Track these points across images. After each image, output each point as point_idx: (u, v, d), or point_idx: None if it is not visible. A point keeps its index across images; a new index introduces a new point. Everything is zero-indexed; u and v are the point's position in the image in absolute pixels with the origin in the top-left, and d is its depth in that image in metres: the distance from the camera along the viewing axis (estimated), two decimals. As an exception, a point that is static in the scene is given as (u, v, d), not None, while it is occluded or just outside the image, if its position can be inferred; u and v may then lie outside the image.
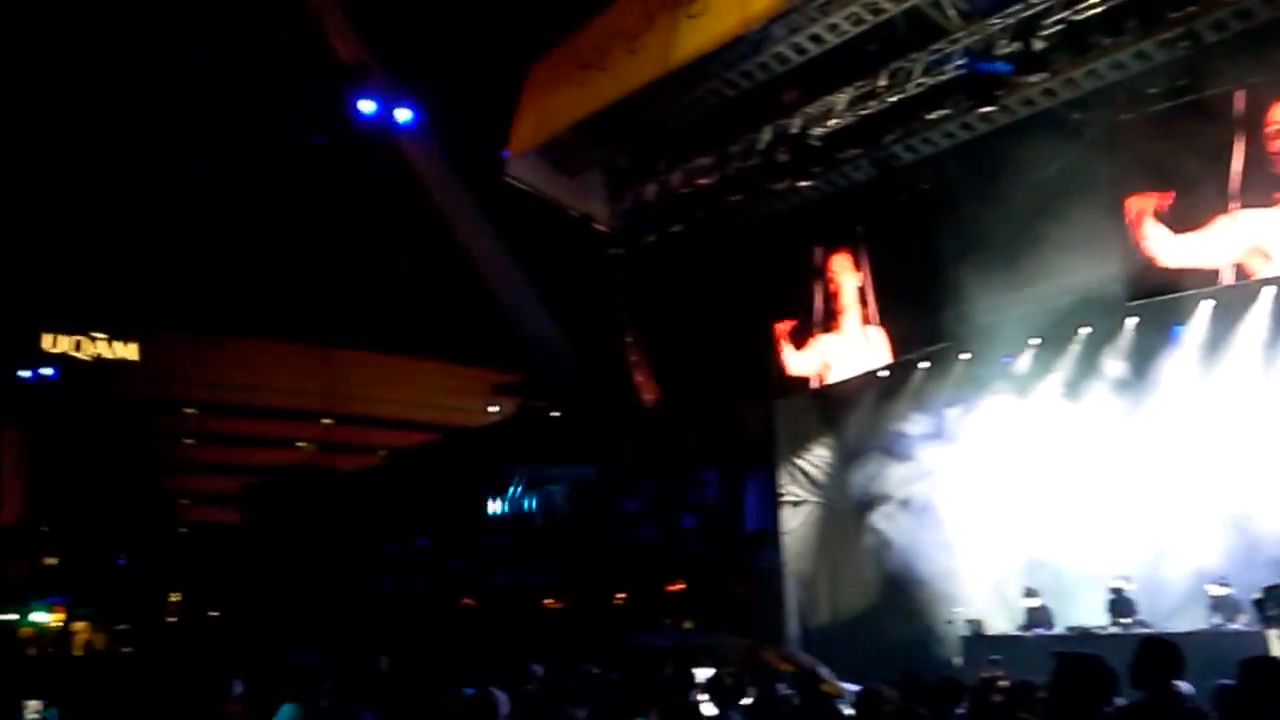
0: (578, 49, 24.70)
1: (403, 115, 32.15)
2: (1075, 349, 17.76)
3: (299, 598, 37.42)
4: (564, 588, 27.82)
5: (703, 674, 11.50)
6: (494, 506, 28.60)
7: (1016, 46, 16.24)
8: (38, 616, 55.45)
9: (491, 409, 34.44)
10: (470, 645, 31.64)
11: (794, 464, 22.23)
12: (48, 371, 75.06)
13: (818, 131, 19.82)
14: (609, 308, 24.98)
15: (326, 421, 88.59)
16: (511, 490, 28.60)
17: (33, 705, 7.74)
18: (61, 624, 53.00)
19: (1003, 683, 9.61)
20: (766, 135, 20.65)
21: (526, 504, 28.54)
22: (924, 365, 19.81)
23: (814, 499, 22.05)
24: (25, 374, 77.52)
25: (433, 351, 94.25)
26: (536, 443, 28.60)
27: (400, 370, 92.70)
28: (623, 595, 25.71)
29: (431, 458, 38.59)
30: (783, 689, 10.36)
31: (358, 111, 32.20)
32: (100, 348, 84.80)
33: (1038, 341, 18.07)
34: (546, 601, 28.46)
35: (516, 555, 28.15)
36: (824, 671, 13.05)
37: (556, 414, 29.80)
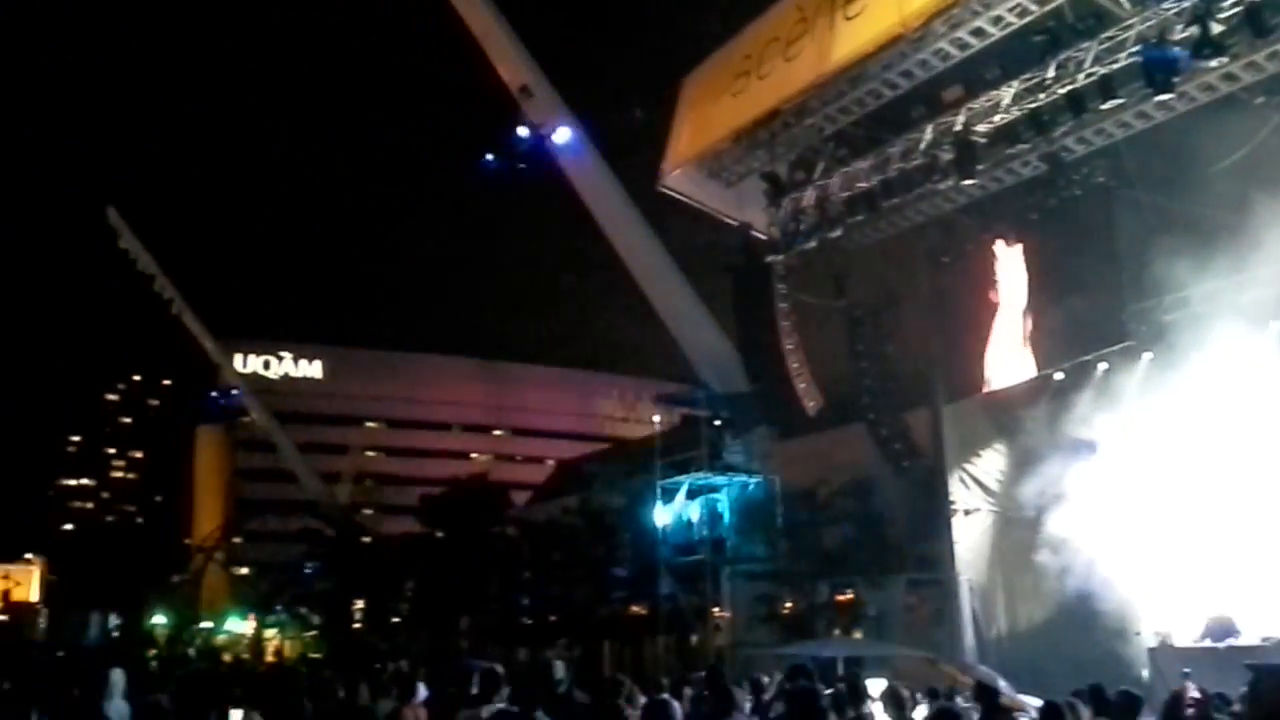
0: (732, 58, 24.79)
1: (562, 135, 32.96)
2: (1270, 344, 16.62)
3: (476, 605, 38.55)
4: (730, 597, 27.77)
5: (875, 685, 11.29)
6: (659, 516, 28.77)
7: (1193, 31, 15.41)
8: (232, 625, 58.92)
9: (655, 419, 34.63)
10: (639, 653, 32.02)
11: (965, 471, 21.61)
12: (236, 392, 79.67)
13: (983, 128, 19.28)
14: (769, 315, 24.85)
15: (498, 433, 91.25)
16: (676, 500, 28.74)
17: (236, 716, 8.18)
18: (253, 632, 56.03)
19: (1194, 695, 9.13)
20: (928, 134, 20.20)
21: (691, 513, 28.62)
22: (1104, 366, 18.92)
23: (987, 507, 21.37)
24: (216, 395, 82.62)
25: (597, 364, 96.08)
26: (701, 452, 28.63)
27: (566, 383, 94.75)
28: (789, 605, 25.44)
29: (598, 467, 39.13)
30: (960, 703, 10.07)
31: (520, 134, 33.21)
32: (287, 366, 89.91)
33: (1228, 335, 16.99)
34: (714, 611, 28.46)
35: (681, 564, 28.25)
36: (1002, 685, 12.58)
37: (720, 423, 29.77)
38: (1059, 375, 19.77)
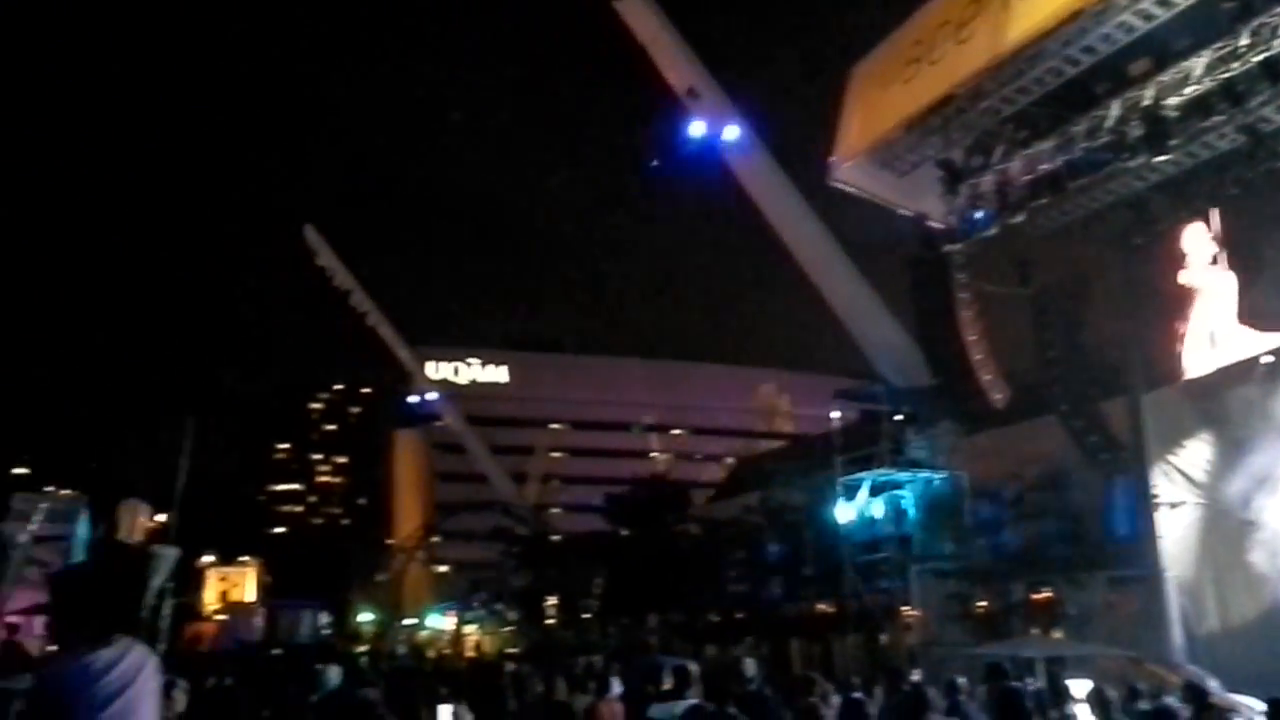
0: (901, 45, 24.27)
1: (731, 134, 33.06)
2: None
3: (663, 602, 39.07)
4: (919, 596, 27.22)
5: (1078, 686, 10.93)
6: (842, 514, 28.46)
7: None
8: (433, 621, 61.56)
9: (834, 415, 34.24)
10: (827, 651, 31.73)
11: (1168, 462, 20.50)
12: (432, 396, 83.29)
13: (1173, 101, 18.23)
14: (949, 306, 24.20)
15: (677, 433, 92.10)
16: (858, 497, 28.37)
17: (445, 710, 8.58)
18: (454, 628, 58.34)
19: None
20: (1115, 111, 19.22)
21: (875, 511, 28.19)
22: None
23: (1194, 500, 20.21)
24: (411, 401, 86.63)
25: (771, 361, 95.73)
26: (882, 448, 28.16)
27: (742, 381, 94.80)
28: (982, 604, 24.73)
29: (777, 465, 39.00)
30: (1170, 702, 9.66)
31: (689, 134, 33.52)
32: (475, 372, 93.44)
33: None
34: (904, 609, 27.95)
35: (866, 562, 27.86)
36: (1213, 685, 11.96)
37: (901, 418, 29.19)
38: (1267, 359, 18.53)
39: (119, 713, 3.65)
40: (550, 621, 49.66)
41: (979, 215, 22.29)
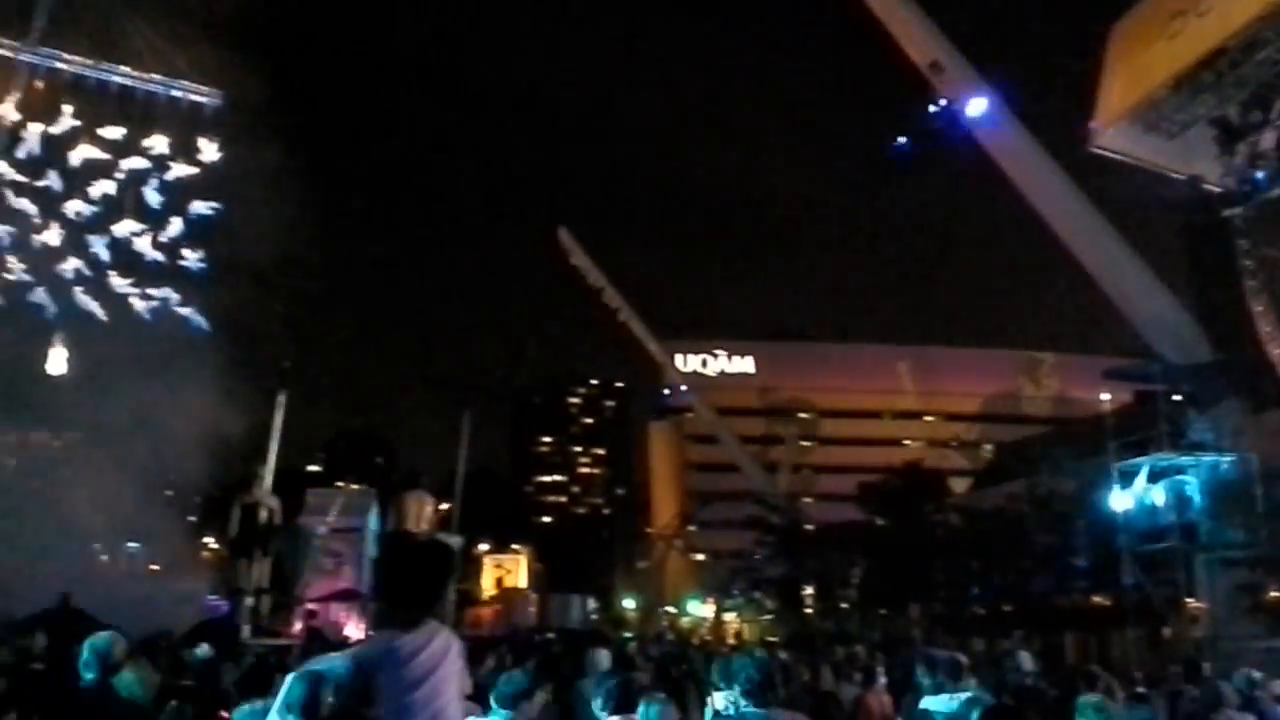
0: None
1: (978, 106, 31.86)
2: None
3: (924, 593, 38.28)
4: (1205, 587, 25.36)
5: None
6: (1118, 501, 26.87)
7: None
8: (693, 609, 62.83)
9: (1104, 396, 32.38)
10: (1105, 646, 30.10)
11: None
12: (683, 388, 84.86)
13: None
14: (1231, 275, 22.45)
15: (930, 419, 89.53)
16: (1136, 483, 26.69)
17: (718, 696, 8.84)
18: (714, 616, 59.32)
19: None
20: None
21: (1155, 497, 26.45)
22: None
23: None
24: (663, 393, 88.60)
25: (1028, 342, 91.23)
26: (1160, 430, 26.34)
27: (1000, 363, 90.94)
28: (1277, 595, 22.77)
29: (1043, 451, 37.21)
30: None
31: (934, 110, 32.57)
32: (723, 363, 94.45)
33: None
34: (1188, 602, 26.13)
35: (1147, 552, 26.19)
36: None
37: (1180, 397, 27.22)
38: None
39: (427, 694, 4.08)
40: (808, 610, 49.62)
41: (1260, 175, 20.67)
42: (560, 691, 9.92)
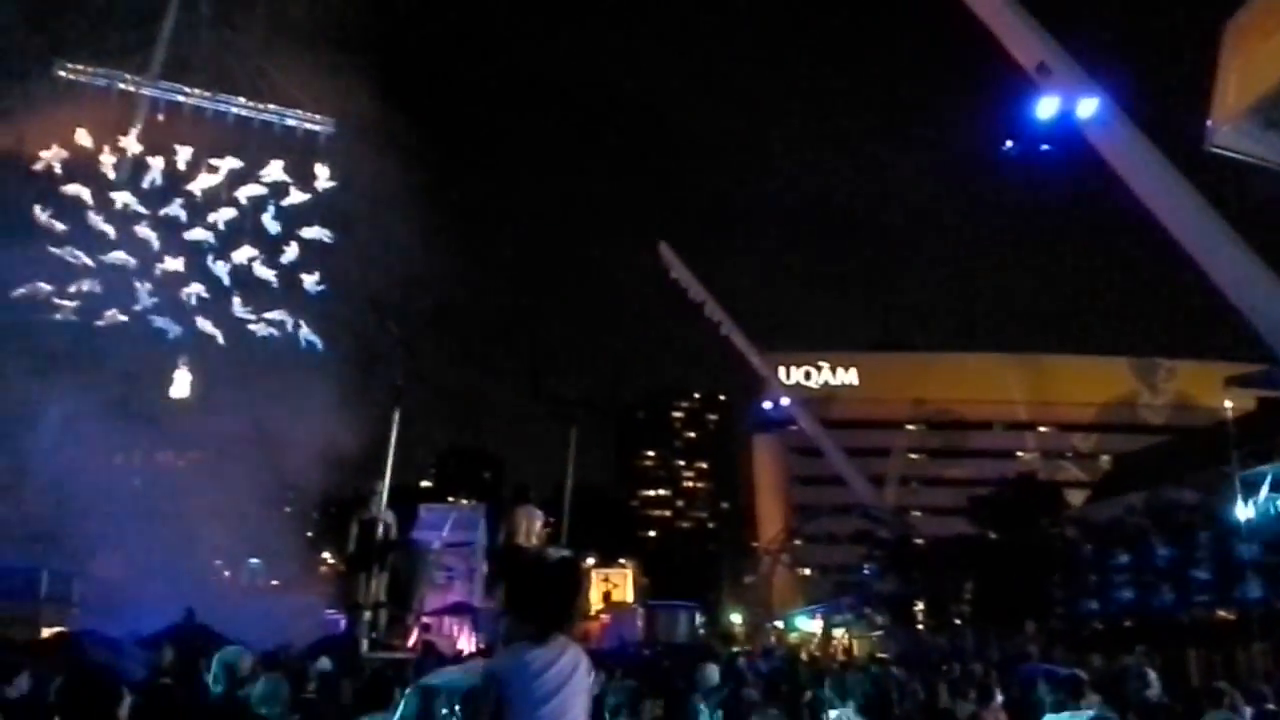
0: (1285, -10, 21.91)
1: (1088, 107, 31.02)
2: None
3: (1040, 609, 37.23)
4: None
5: None
6: (1242, 512, 25.83)
7: None
8: (801, 623, 62.15)
9: (1227, 404, 31.16)
10: (1230, 661, 28.87)
11: None
12: (785, 401, 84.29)
13: None
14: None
15: (1043, 430, 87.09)
16: (1261, 492, 25.65)
17: (832, 713, 8.81)
18: (822, 631, 58.59)
19: None
20: None
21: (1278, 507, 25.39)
22: None
23: None
24: (766, 406, 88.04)
25: (1150, 349, 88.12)
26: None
27: (1115, 372, 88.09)
28: None
29: (1163, 461, 35.97)
30: None
31: (1042, 113, 31.81)
32: (825, 375, 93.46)
33: None
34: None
35: (1271, 564, 25.08)
36: None
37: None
38: None
39: (556, 708, 4.16)
40: (920, 626, 48.70)
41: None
42: (671, 706, 9.97)
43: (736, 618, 66.64)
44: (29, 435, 24.54)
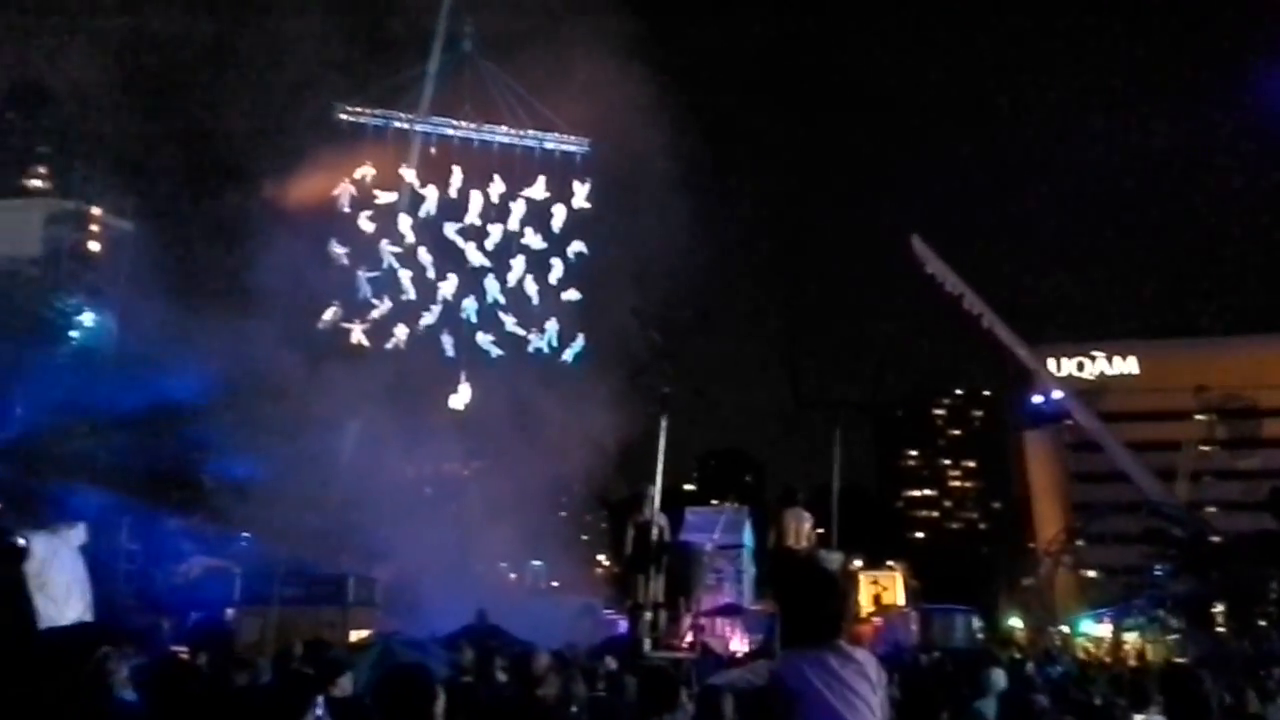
0: None
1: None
2: None
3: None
4: None
5: None
6: None
7: None
8: (1086, 627, 58.68)
9: None
10: None
11: None
12: (1057, 394, 79.94)
13: None
14: None
15: (1359, 414, 78.34)
16: None
17: (1138, 718, 8.35)
18: (1111, 635, 55.12)
19: None
20: None
21: None
22: None
23: None
24: (1038, 399, 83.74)
25: None
26: None
27: None
28: None
29: None
30: None
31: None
32: (1101, 365, 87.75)
33: None
34: None
35: None
36: None
37: None
38: None
39: (842, 708, 4.21)
40: (1220, 629, 45.05)
41: None
42: (957, 712, 9.77)
43: (1016, 622, 63.75)
44: (333, 451, 26.94)
